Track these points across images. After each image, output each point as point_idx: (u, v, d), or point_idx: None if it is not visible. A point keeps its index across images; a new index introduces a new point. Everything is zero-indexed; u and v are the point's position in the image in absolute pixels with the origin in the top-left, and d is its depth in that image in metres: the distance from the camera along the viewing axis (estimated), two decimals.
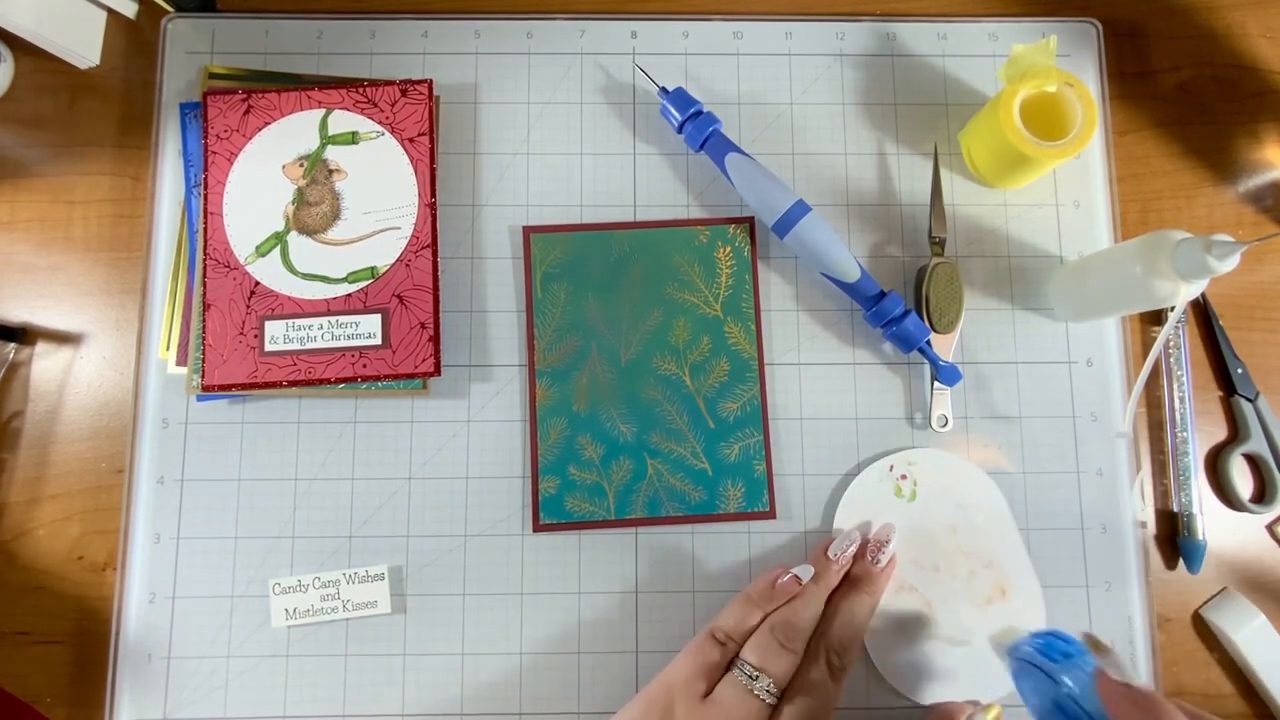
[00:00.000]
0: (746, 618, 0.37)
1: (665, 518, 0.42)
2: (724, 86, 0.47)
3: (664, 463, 0.42)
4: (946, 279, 0.43)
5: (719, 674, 0.36)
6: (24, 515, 0.43)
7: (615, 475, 0.42)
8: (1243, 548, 0.44)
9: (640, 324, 0.43)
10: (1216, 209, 0.47)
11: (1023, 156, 0.42)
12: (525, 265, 0.43)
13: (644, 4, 0.49)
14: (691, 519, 0.42)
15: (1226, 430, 0.45)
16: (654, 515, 0.42)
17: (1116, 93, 0.48)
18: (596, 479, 0.42)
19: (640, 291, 0.43)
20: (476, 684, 0.41)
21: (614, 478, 0.42)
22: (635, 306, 0.43)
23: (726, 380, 0.42)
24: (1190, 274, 0.36)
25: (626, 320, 0.43)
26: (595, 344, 0.42)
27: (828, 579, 0.39)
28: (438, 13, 0.48)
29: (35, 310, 0.45)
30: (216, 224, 0.43)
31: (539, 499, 0.42)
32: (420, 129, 0.44)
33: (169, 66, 0.46)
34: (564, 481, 0.42)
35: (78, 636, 0.42)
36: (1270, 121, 0.48)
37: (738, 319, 0.43)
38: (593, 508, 0.42)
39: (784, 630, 0.36)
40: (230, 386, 0.42)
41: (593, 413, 0.42)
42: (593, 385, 0.42)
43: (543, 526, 0.42)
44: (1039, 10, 0.49)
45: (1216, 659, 0.43)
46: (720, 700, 0.35)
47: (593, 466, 0.42)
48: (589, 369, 0.42)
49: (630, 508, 0.42)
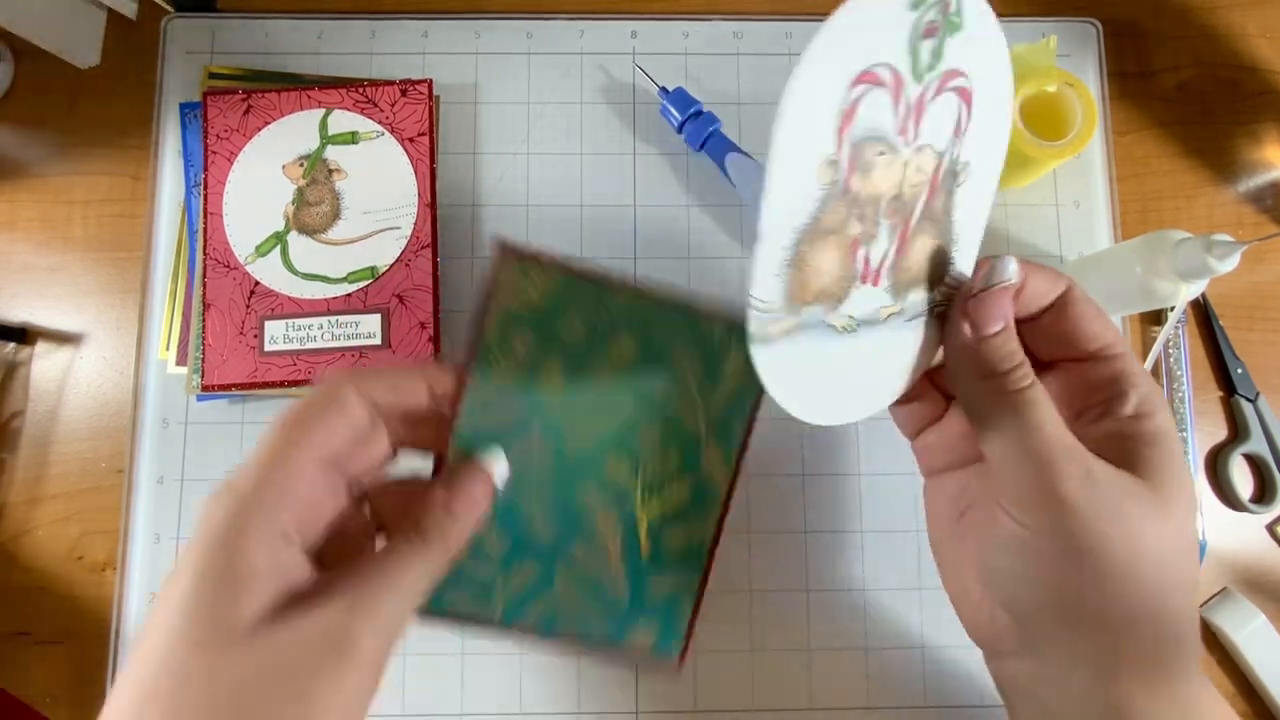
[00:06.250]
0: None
1: (554, 641, 0.34)
2: (724, 86, 0.47)
3: (575, 581, 0.33)
4: None
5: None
6: (24, 515, 0.43)
7: (514, 578, 0.33)
8: (1243, 548, 0.44)
9: (605, 416, 0.32)
10: (1216, 209, 0.47)
11: (1023, 156, 0.42)
12: (483, 294, 0.29)
13: (644, 4, 0.49)
14: (585, 652, 0.35)
15: (1226, 430, 0.45)
16: (544, 635, 0.34)
17: (1116, 93, 0.48)
18: (490, 576, 0.33)
19: (621, 377, 0.32)
20: (476, 684, 0.41)
21: (512, 580, 0.33)
22: (607, 393, 0.32)
23: (684, 508, 0.33)
24: (1190, 274, 0.36)
25: (590, 405, 0.32)
26: (541, 422, 0.32)
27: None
28: (438, 13, 0.48)
29: (35, 310, 0.45)
30: (216, 224, 0.43)
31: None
32: (420, 129, 0.44)
33: (169, 66, 0.46)
34: (450, 572, 0.31)
35: (78, 636, 0.42)
36: (1270, 121, 0.48)
37: (722, 443, 0.33)
38: (477, 608, 0.33)
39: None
40: (230, 386, 0.42)
41: (512, 501, 0.32)
42: (522, 470, 0.32)
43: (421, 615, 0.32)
44: (1039, 10, 0.49)
45: (1216, 659, 0.43)
46: None
47: (490, 563, 0.33)
48: (523, 449, 0.32)
49: (518, 619, 0.33)
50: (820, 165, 0.24)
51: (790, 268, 0.26)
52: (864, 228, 0.26)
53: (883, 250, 0.27)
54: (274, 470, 0.24)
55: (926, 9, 0.24)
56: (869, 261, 0.27)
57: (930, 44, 0.25)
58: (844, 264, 0.27)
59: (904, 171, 0.26)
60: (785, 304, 0.26)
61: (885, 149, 0.25)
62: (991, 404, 0.27)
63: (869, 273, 0.27)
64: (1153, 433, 0.27)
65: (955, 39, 0.26)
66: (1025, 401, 0.27)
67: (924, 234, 0.28)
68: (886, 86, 0.25)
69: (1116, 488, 0.26)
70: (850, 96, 0.24)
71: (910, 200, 0.27)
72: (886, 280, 0.28)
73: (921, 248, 0.28)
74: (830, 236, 0.26)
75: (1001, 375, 0.27)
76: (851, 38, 0.23)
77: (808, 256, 0.26)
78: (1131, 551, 0.26)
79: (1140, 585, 0.26)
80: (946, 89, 0.26)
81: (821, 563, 0.42)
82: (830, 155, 0.24)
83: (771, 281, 0.25)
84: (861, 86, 0.24)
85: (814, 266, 0.26)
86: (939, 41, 0.25)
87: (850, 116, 0.24)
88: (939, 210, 0.28)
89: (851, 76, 0.24)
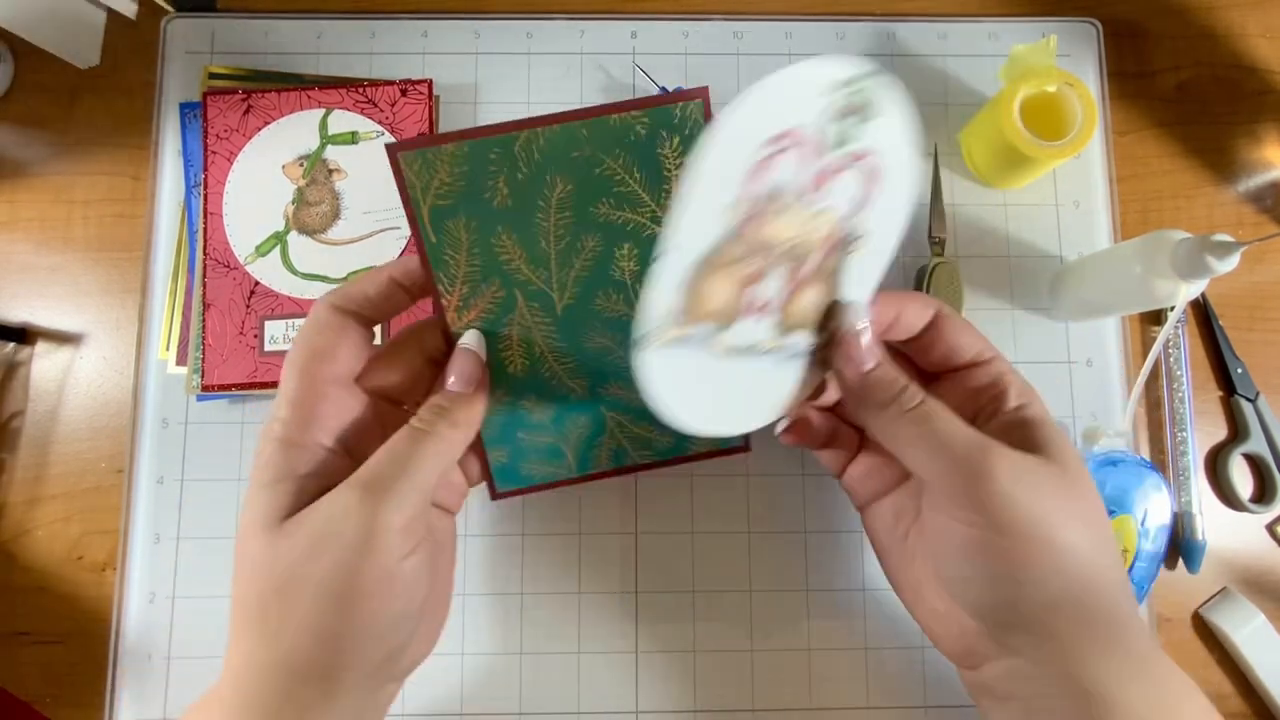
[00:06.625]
0: None
1: (631, 466, 0.38)
2: (724, 86, 0.47)
3: (624, 413, 0.36)
4: (947, 279, 0.43)
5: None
6: (24, 515, 0.43)
7: (571, 433, 0.36)
8: (1243, 548, 0.44)
9: (573, 258, 0.32)
10: (1216, 209, 0.47)
11: (1023, 156, 0.42)
12: (403, 200, 0.30)
13: (644, 4, 0.49)
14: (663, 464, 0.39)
15: (1226, 430, 0.45)
16: (620, 466, 0.38)
17: (1116, 93, 0.48)
18: (552, 440, 0.36)
19: (566, 216, 0.31)
20: (476, 684, 0.41)
21: (570, 436, 0.36)
22: (563, 236, 0.31)
23: None
24: (1190, 274, 0.36)
25: (555, 256, 0.32)
26: (520, 291, 0.32)
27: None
28: (438, 13, 0.48)
29: (35, 310, 0.45)
30: (216, 224, 0.43)
31: (490, 468, 0.37)
32: (420, 129, 0.44)
33: (169, 66, 0.46)
34: (514, 449, 0.36)
35: (78, 636, 0.42)
36: (1270, 121, 0.48)
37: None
38: (553, 469, 0.37)
39: None
40: (230, 386, 0.42)
41: (533, 372, 0.34)
42: (525, 341, 0.33)
43: (500, 494, 0.38)
44: (1039, 10, 0.49)
45: (1216, 659, 0.43)
46: None
47: (545, 429, 0.36)
48: (517, 322, 0.33)
49: (593, 463, 0.38)
50: (724, 207, 0.27)
51: (686, 287, 0.28)
52: (757, 269, 0.29)
53: (772, 292, 0.30)
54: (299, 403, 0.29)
55: (844, 94, 0.27)
56: (758, 299, 0.30)
57: (844, 124, 0.28)
58: (734, 295, 0.29)
59: (800, 229, 0.29)
60: (676, 317, 0.28)
61: (786, 206, 0.28)
62: (897, 426, 0.30)
63: (757, 308, 0.30)
64: (1038, 418, 0.30)
65: (869, 124, 0.28)
66: (924, 415, 0.30)
67: (814, 286, 0.31)
68: (795, 153, 0.27)
69: (1036, 471, 0.28)
70: (760, 155, 0.26)
71: (803, 255, 0.30)
72: (772, 319, 0.31)
73: (810, 297, 0.31)
74: (725, 269, 0.28)
75: (893, 400, 0.30)
76: (770, 107, 0.26)
77: (703, 281, 0.28)
78: (1065, 527, 0.28)
79: (1078, 558, 0.28)
80: (854, 165, 0.29)
81: (821, 563, 0.42)
82: (734, 201, 0.27)
83: (668, 294, 0.28)
84: (772, 148, 0.26)
85: (707, 291, 0.29)
86: (853, 123, 0.28)
87: (758, 172, 0.27)
88: (831, 269, 0.31)
89: (764, 139, 0.26)
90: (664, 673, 0.41)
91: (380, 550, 0.27)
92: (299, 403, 0.29)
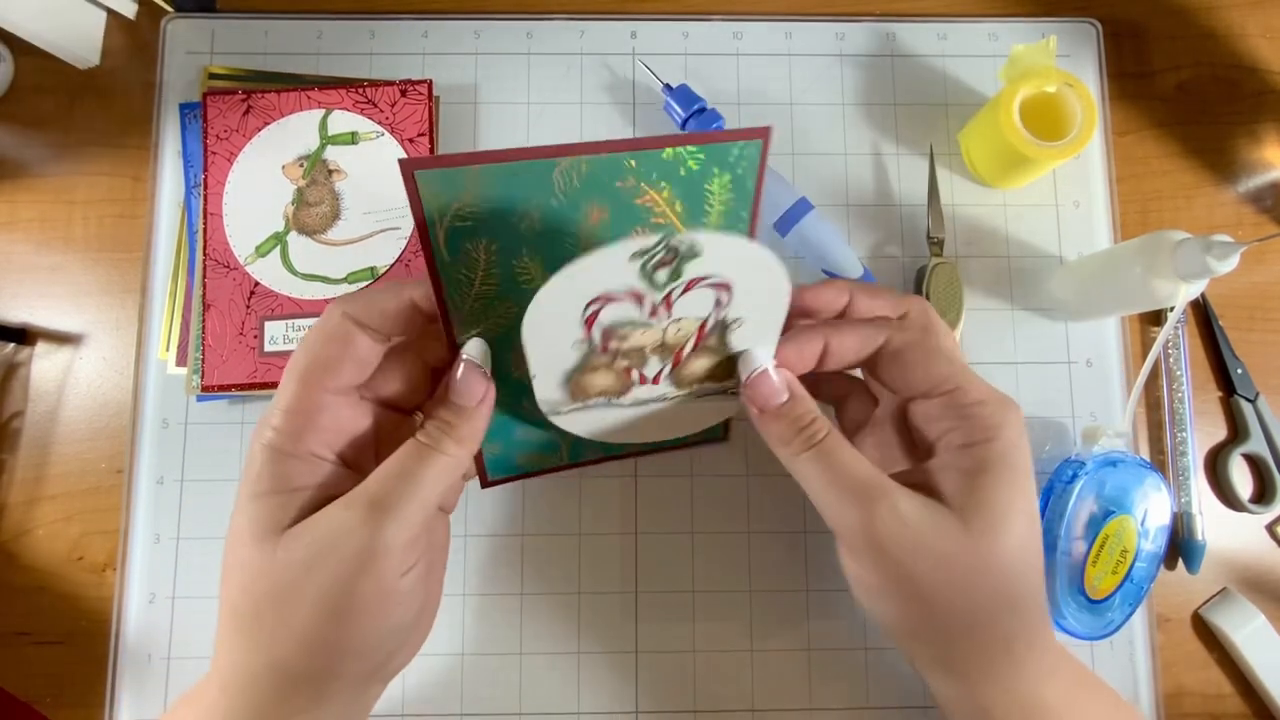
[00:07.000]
0: None
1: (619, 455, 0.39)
2: (724, 86, 0.47)
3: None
4: (946, 280, 0.43)
5: None
6: (24, 515, 0.43)
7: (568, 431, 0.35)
8: (1243, 548, 0.44)
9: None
10: (1216, 209, 0.47)
11: (1022, 157, 0.42)
12: (416, 218, 0.27)
13: (644, 4, 0.49)
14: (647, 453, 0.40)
15: (1226, 430, 0.45)
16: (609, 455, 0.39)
17: (1116, 93, 0.48)
18: (548, 436, 0.36)
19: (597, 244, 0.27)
20: (476, 684, 0.41)
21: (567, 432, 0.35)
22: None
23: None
24: (1190, 274, 0.36)
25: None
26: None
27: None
28: (438, 13, 0.48)
29: (35, 310, 0.45)
30: (216, 224, 0.43)
31: (483, 460, 0.37)
32: (420, 129, 0.44)
33: (169, 66, 0.46)
34: (509, 443, 0.36)
35: (78, 636, 0.42)
36: (1270, 121, 0.48)
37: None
38: (545, 459, 0.38)
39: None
40: (230, 387, 0.42)
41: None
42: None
43: (491, 482, 0.38)
44: (1039, 10, 0.49)
45: (1216, 659, 0.43)
46: None
47: (542, 425, 0.34)
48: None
49: (584, 453, 0.38)
50: (575, 341, 0.28)
51: (568, 384, 0.30)
52: (632, 362, 0.30)
53: (656, 369, 0.31)
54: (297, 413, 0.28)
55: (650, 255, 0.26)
56: (644, 376, 0.31)
57: (665, 270, 0.27)
58: (619, 380, 0.31)
59: (663, 334, 0.29)
60: (569, 400, 0.31)
61: (636, 328, 0.29)
62: (800, 464, 0.30)
63: (646, 381, 0.31)
64: (979, 461, 0.29)
65: (694, 262, 0.27)
66: (824, 451, 0.30)
67: (702, 356, 0.31)
68: (623, 301, 0.28)
69: (925, 521, 0.29)
70: (589, 310, 0.27)
71: (677, 345, 0.30)
72: (666, 383, 0.32)
73: (700, 362, 0.32)
74: (600, 369, 0.30)
75: (796, 437, 0.30)
76: (580, 281, 0.26)
77: (582, 380, 0.30)
78: (943, 579, 0.28)
79: (955, 603, 0.29)
80: (696, 288, 0.28)
81: (821, 563, 0.42)
82: (581, 339, 0.28)
83: (554, 390, 0.30)
84: (597, 304, 0.27)
85: (588, 383, 0.31)
86: (674, 268, 0.27)
87: (592, 320, 0.28)
88: (714, 343, 0.31)
89: (586, 299, 0.27)
90: (664, 673, 0.41)
91: (381, 568, 0.27)
92: (296, 412, 0.28)
